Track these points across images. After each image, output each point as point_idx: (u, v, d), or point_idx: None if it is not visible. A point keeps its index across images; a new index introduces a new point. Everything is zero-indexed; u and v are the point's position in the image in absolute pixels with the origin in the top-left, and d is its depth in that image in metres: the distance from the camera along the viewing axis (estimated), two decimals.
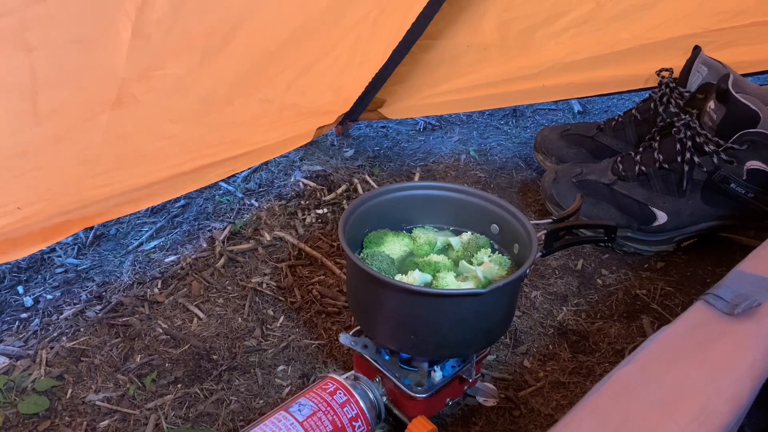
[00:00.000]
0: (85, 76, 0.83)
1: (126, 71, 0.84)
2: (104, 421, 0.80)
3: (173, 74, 0.91)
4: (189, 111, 0.99)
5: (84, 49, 0.80)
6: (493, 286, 0.66)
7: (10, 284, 1.03)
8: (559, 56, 1.30)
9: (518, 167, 1.37)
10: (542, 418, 0.81)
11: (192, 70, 0.94)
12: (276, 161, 1.36)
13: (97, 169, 0.91)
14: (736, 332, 0.60)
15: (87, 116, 0.85)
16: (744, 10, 1.23)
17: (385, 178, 1.33)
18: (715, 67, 1.12)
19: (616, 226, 0.81)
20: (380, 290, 0.70)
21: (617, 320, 0.96)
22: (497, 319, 0.73)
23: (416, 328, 0.70)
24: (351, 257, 0.69)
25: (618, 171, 1.10)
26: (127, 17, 0.80)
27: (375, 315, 0.73)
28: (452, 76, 1.35)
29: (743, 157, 0.99)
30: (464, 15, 1.28)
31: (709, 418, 0.52)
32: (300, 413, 0.67)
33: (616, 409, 0.53)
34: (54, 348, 0.90)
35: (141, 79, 0.87)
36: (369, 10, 1.10)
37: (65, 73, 0.80)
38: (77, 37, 0.79)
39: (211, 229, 1.15)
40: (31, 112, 0.79)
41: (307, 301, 0.99)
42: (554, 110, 1.64)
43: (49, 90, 0.79)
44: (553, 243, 0.78)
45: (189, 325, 0.95)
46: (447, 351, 0.73)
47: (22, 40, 0.74)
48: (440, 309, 0.69)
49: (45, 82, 0.78)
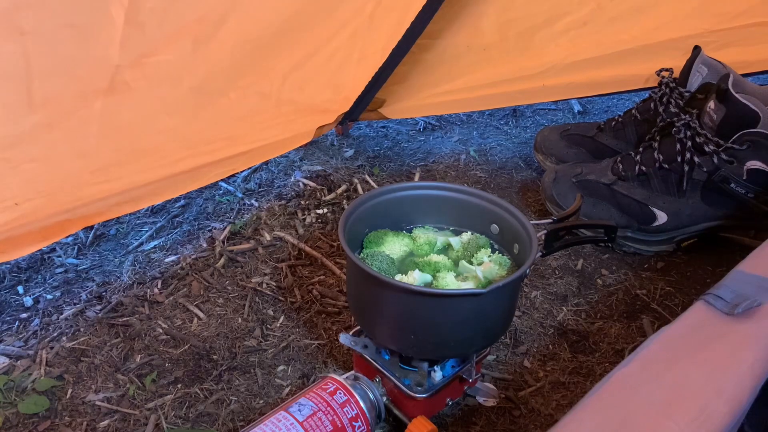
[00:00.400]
0: (79, 63, 0.82)
1: (119, 58, 0.84)
2: (104, 421, 0.80)
3: (165, 61, 0.91)
4: (184, 102, 0.98)
5: (77, 34, 0.80)
6: (493, 286, 0.66)
7: (10, 284, 1.03)
8: (560, 57, 1.30)
9: (518, 167, 1.37)
10: (542, 418, 0.81)
11: (184, 58, 0.94)
12: (276, 161, 1.36)
13: (95, 164, 0.91)
14: (736, 332, 0.60)
15: (81, 104, 0.85)
16: (744, 11, 1.23)
17: (385, 178, 1.32)
18: (715, 67, 1.12)
19: (617, 226, 0.81)
20: (380, 290, 0.70)
21: (617, 320, 0.96)
22: (497, 319, 0.73)
23: (416, 328, 0.70)
24: (351, 257, 0.69)
25: (618, 171, 1.10)
26: (120, 2, 0.80)
27: (375, 315, 0.73)
28: (452, 76, 1.35)
29: (743, 157, 0.99)
30: (464, 15, 1.28)
31: (709, 418, 0.52)
32: (300, 413, 0.67)
33: (616, 409, 0.53)
34: (54, 348, 0.90)
35: (134, 66, 0.87)
36: (365, 2, 1.10)
37: (58, 59, 0.80)
38: (70, 22, 0.79)
39: (211, 229, 1.15)
40: (25, 100, 0.79)
41: (307, 301, 0.99)
42: (554, 110, 1.64)
43: (42, 77, 0.79)
44: (553, 243, 0.78)
45: (189, 325, 0.95)
46: (447, 351, 0.73)
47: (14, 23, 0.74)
48: (440, 309, 0.69)
49: (38, 69, 0.78)
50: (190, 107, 1.00)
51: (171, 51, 0.91)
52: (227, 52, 0.99)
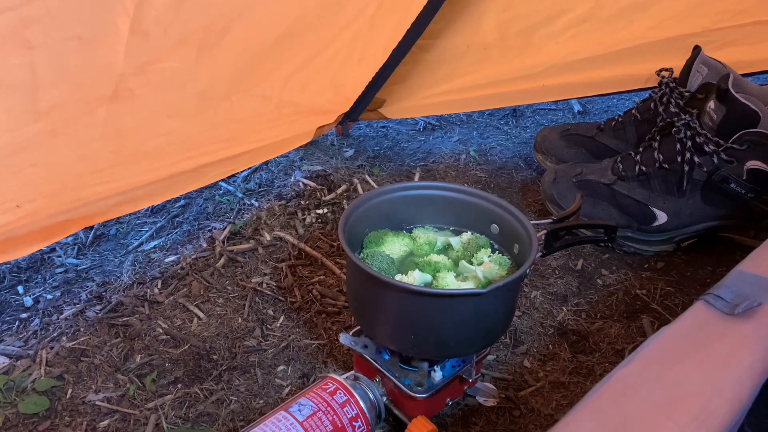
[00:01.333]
0: (84, 72, 0.83)
1: (124, 66, 0.85)
2: (104, 421, 0.80)
3: (170, 68, 0.92)
4: (186, 106, 0.99)
5: (83, 46, 0.80)
6: (493, 286, 0.66)
7: (10, 284, 1.03)
8: (559, 56, 1.30)
9: (518, 167, 1.37)
10: (542, 418, 0.81)
11: (189, 65, 0.94)
12: (276, 161, 1.36)
13: (97, 166, 0.91)
14: (736, 332, 0.60)
15: (85, 111, 0.85)
16: (744, 9, 1.23)
17: (385, 178, 1.32)
18: (715, 67, 1.12)
19: (616, 226, 0.81)
20: (380, 290, 0.70)
21: (617, 320, 0.96)
22: (497, 319, 0.73)
23: (416, 329, 0.70)
24: (351, 257, 0.69)
25: (618, 171, 1.10)
26: (125, 13, 0.81)
27: (375, 315, 0.73)
28: (452, 76, 1.35)
29: (743, 157, 0.99)
30: (464, 15, 1.28)
31: (710, 418, 0.52)
32: (300, 413, 0.67)
33: (617, 409, 0.53)
34: (54, 348, 0.90)
35: (138, 73, 0.88)
36: (366, 4, 1.10)
37: (64, 70, 0.81)
38: (76, 35, 0.79)
39: (211, 229, 1.15)
40: (30, 109, 0.79)
41: (307, 301, 0.99)
42: (554, 110, 1.64)
43: (47, 87, 0.79)
44: (553, 243, 0.78)
45: (189, 325, 0.95)
46: (447, 351, 0.73)
47: (23, 38, 0.74)
48: (440, 309, 0.69)
49: (44, 79, 0.78)
50: (192, 111, 1.00)
51: (175, 59, 0.92)
52: (231, 59, 1.00)
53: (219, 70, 0.99)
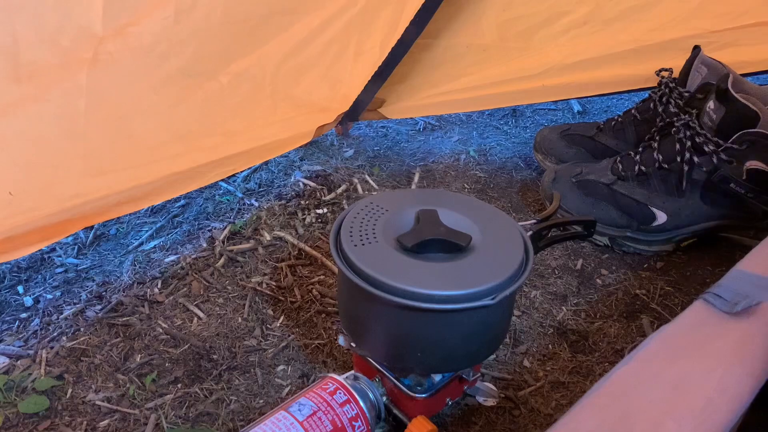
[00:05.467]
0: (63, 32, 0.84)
1: (102, 27, 0.86)
2: (104, 421, 0.80)
3: (149, 32, 0.92)
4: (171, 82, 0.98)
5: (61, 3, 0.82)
6: (500, 296, 0.65)
7: (10, 284, 1.03)
8: (559, 57, 1.30)
9: (518, 167, 1.37)
10: (542, 418, 0.81)
11: (167, 28, 0.94)
12: (276, 161, 1.36)
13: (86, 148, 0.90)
14: (736, 331, 0.60)
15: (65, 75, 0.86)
16: (745, 11, 1.23)
17: (385, 178, 1.33)
18: (714, 67, 1.12)
19: (595, 220, 0.83)
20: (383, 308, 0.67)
21: (617, 320, 0.96)
22: (503, 327, 0.73)
23: (423, 345, 0.69)
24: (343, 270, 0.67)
25: (618, 171, 1.10)
26: None
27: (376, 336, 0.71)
28: (452, 76, 1.35)
29: (743, 157, 0.99)
30: (464, 15, 1.28)
31: (709, 417, 0.52)
32: (300, 413, 0.67)
33: (616, 407, 0.53)
34: (54, 348, 0.90)
35: (116, 35, 0.88)
36: None
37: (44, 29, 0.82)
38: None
39: (211, 229, 1.15)
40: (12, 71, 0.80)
41: (307, 301, 0.99)
42: (554, 110, 1.64)
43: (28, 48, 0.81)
44: (537, 242, 0.79)
45: (189, 325, 0.95)
46: (455, 364, 0.72)
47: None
48: (449, 324, 0.68)
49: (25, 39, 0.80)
50: (178, 87, 0.99)
51: (153, 20, 0.92)
52: (213, 31, 0.99)
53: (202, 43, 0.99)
